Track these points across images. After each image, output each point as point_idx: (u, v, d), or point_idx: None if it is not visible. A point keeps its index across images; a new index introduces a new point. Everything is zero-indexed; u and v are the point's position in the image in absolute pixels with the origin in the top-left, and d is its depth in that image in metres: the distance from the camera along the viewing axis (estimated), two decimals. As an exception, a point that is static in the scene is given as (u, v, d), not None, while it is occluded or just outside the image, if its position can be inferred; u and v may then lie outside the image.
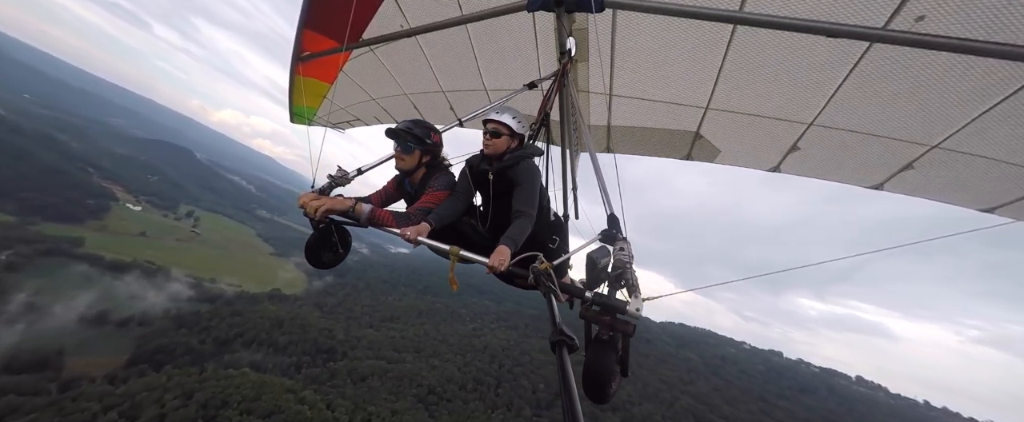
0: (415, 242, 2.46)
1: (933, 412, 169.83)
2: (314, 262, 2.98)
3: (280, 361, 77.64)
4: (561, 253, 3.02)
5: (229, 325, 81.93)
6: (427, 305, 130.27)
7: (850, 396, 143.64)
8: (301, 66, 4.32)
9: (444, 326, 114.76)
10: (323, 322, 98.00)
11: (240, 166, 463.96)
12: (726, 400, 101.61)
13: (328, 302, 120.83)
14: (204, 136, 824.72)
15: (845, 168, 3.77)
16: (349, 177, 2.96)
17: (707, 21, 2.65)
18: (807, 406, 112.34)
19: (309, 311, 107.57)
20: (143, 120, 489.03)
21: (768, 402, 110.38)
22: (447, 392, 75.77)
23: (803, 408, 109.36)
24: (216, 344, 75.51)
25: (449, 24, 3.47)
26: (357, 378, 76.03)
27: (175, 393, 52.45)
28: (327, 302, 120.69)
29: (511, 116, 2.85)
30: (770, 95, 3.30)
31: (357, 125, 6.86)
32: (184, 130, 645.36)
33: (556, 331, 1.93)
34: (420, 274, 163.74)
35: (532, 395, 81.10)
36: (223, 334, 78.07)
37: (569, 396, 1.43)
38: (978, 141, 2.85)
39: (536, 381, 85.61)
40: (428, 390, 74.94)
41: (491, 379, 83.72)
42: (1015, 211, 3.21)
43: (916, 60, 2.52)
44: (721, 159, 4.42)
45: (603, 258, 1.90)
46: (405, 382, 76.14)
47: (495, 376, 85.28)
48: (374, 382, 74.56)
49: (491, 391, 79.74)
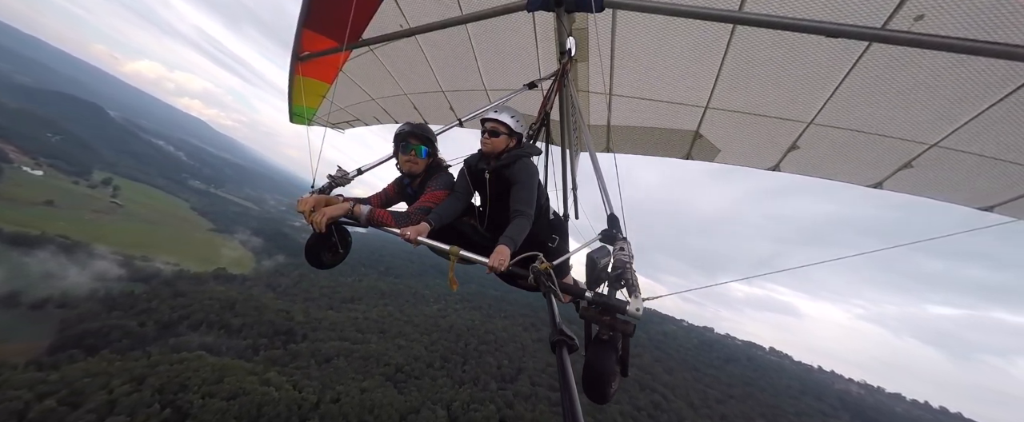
0: (415, 242, 2.44)
1: (824, 375, 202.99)
2: (314, 263, 2.99)
3: (235, 344, 73.85)
4: (561, 252, 3.01)
5: (171, 307, 75.89)
6: (389, 286, 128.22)
7: (764, 364, 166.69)
8: (300, 66, 4.29)
9: (408, 307, 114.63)
10: (279, 304, 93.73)
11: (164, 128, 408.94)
12: (665, 369, 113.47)
13: (282, 283, 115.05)
14: (115, 90, 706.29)
15: (844, 167, 3.77)
16: (349, 177, 2.97)
17: (707, 21, 2.65)
18: (730, 373, 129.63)
19: (262, 292, 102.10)
20: (32, 65, 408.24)
21: (699, 371, 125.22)
22: (415, 370, 77.11)
23: (726, 375, 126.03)
24: (159, 327, 69.90)
25: (449, 24, 3.44)
26: (321, 359, 74.77)
27: (123, 378, 48.61)
28: (281, 283, 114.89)
29: (509, 115, 2.85)
30: (770, 94, 3.29)
31: (357, 125, 6.77)
32: (88, 81, 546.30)
33: (556, 331, 1.91)
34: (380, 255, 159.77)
35: (497, 370, 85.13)
36: (165, 316, 72.29)
37: (569, 396, 1.42)
38: (976, 140, 2.84)
39: (500, 358, 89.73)
40: (396, 369, 75.69)
41: (458, 357, 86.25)
42: (1013, 209, 3.19)
43: (915, 59, 2.53)
44: (721, 158, 4.40)
45: (603, 258, 1.91)
46: (372, 362, 76.13)
47: (461, 354, 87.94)
48: (340, 363, 73.78)
49: (458, 368, 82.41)
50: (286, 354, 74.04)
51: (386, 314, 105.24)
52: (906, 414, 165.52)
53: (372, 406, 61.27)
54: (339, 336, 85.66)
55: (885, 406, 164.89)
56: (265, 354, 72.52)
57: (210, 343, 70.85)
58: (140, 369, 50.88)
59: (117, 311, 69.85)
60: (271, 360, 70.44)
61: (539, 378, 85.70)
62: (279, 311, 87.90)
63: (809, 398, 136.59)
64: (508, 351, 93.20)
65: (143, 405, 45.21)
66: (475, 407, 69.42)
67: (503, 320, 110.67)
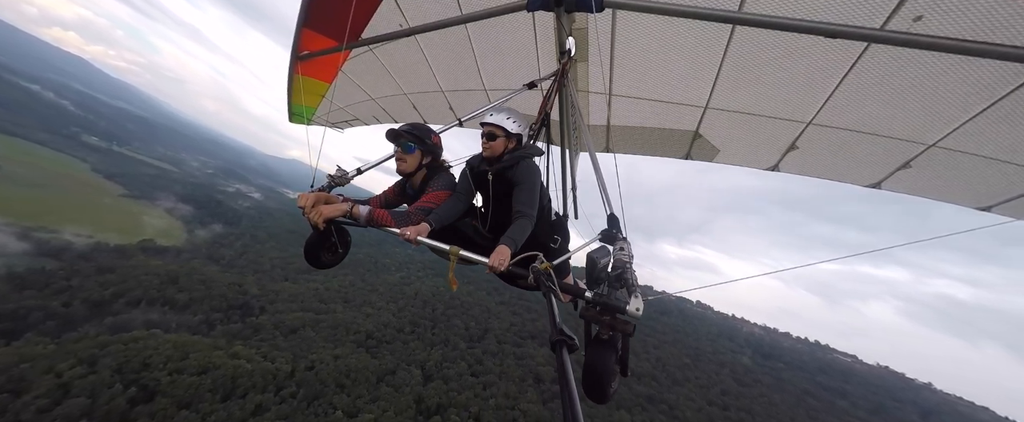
0: (415, 242, 2.44)
1: (736, 321, 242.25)
2: (313, 262, 2.98)
3: (185, 320, 69.57)
4: (563, 253, 2.98)
5: (100, 284, 68.39)
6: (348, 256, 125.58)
7: (691, 316, 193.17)
8: (300, 65, 4.32)
9: (370, 276, 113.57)
10: (228, 276, 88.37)
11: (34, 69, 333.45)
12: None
13: (225, 254, 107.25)
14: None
15: (843, 167, 3.80)
16: (348, 177, 2.97)
17: (706, 21, 2.66)
18: (664, 324, 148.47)
19: (204, 264, 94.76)
20: None
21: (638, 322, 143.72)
22: (386, 336, 78.92)
23: (661, 326, 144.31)
24: (88, 306, 63.35)
25: (448, 24, 3.45)
26: (286, 331, 73.56)
27: (69, 361, 44.50)
28: (223, 254, 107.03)
29: (506, 117, 2.85)
30: (769, 94, 3.32)
31: (356, 125, 6.75)
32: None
33: (556, 331, 1.82)
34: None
35: (465, 332, 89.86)
36: (95, 294, 65.31)
37: (569, 396, 1.38)
38: (975, 140, 2.86)
39: (467, 320, 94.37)
40: (366, 335, 76.93)
41: (427, 321, 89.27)
42: (1011, 209, 3.23)
43: (914, 60, 2.54)
44: (720, 158, 4.42)
45: (603, 258, 1.92)
46: (341, 330, 76.44)
47: (430, 319, 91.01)
48: (307, 333, 73.24)
49: (428, 331, 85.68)
50: (246, 328, 71.66)
51: (347, 284, 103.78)
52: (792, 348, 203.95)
53: (348, 371, 62.82)
54: (301, 307, 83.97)
55: (778, 343, 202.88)
56: (223, 328, 69.61)
57: (156, 320, 66.06)
58: (87, 351, 47.00)
59: (29, 290, 61.28)
60: (231, 334, 67.92)
61: (504, 336, 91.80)
62: (230, 284, 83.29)
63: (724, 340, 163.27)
64: (474, 314, 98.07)
65: (103, 386, 42.57)
66: (447, 365, 73.87)
67: (467, 286, 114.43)
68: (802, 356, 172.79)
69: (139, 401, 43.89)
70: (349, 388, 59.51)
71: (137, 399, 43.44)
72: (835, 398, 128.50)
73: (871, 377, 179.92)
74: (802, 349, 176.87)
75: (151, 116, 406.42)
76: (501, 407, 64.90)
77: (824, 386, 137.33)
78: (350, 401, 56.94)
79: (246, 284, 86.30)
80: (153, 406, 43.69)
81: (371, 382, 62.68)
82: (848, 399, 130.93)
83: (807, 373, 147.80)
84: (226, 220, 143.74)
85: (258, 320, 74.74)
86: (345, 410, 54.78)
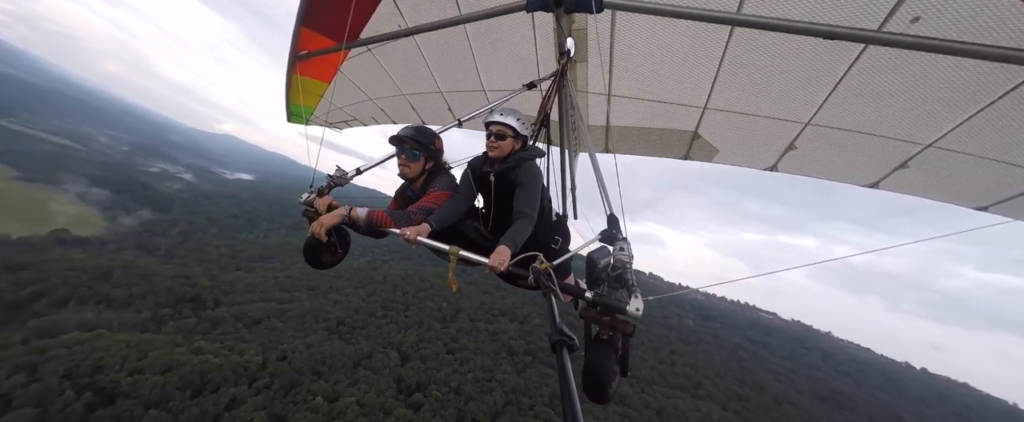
0: (415, 242, 2.44)
1: (681, 289, 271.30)
2: (314, 263, 2.93)
3: (128, 318, 63.66)
4: (564, 253, 2.97)
5: (12, 283, 60.28)
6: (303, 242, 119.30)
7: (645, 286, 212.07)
8: (298, 65, 4.32)
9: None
10: (170, 269, 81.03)
11: None
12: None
13: (160, 244, 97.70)
14: None
15: (841, 167, 3.80)
16: (347, 177, 2.95)
17: (705, 23, 2.66)
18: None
19: (138, 256, 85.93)
20: None
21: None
22: (358, 321, 77.82)
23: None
24: (3, 307, 55.32)
25: (447, 24, 3.43)
26: (250, 322, 70.01)
27: (4, 371, 39.43)
28: (158, 244, 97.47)
29: (515, 118, 2.84)
30: (767, 95, 3.33)
31: (354, 125, 6.74)
32: None
33: (556, 331, 1.82)
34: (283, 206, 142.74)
35: (438, 312, 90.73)
36: (7, 294, 57.45)
37: (569, 396, 1.39)
38: (971, 140, 2.87)
39: (439, 301, 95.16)
40: (337, 322, 75.43)
41: (399, 305, 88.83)
42: (1008, 209, 3.24)
43: (911, 61, 2.55)
44: (719, 158, 4.43)
45: (603, 258, 1.94)
46: (309, 319, 74.25)
47: (402, 302, 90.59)
48: (273, 323, 70.22)
49: (401, 314, 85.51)
50: (203, 322, 67.35)
51: (309, 271, 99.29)
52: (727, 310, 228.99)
53: (323, 358, 61.98)
54: (262, 297, 79.98)
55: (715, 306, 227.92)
56: (176, 324, 64.45)
57: (92, 320, 59.71)
58: (23, 358, 41.77)
59: (-78, 293, 52.16)
60: (187, 330, 63.59)
61: (476, 315, 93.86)
62: (175, 277, 76.53)
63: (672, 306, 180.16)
64: (445, 295, 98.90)
65: (51, 394, 38.53)
66: (424, 345, 75.02)
67: (435, 267, 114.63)
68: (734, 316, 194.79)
69: (98, 405, 40.64)
70: (326, 374, 58.93)
71: (95, 404, 40.17)
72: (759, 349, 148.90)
73: (787, 330, 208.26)
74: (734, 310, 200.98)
75: (38, 80, 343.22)
76: (479, 380, 67.82)
77: (751, 340, 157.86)
78: (329, 386, 56.59)
79: (194, 276, 79.51)
80: (116, 409, 40.73)
81: (348, 367, 62.42)
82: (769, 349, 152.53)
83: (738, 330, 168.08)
84: (154, 205, 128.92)
85: (215, 313, 70.01)
86: (325, 396, 54.48)
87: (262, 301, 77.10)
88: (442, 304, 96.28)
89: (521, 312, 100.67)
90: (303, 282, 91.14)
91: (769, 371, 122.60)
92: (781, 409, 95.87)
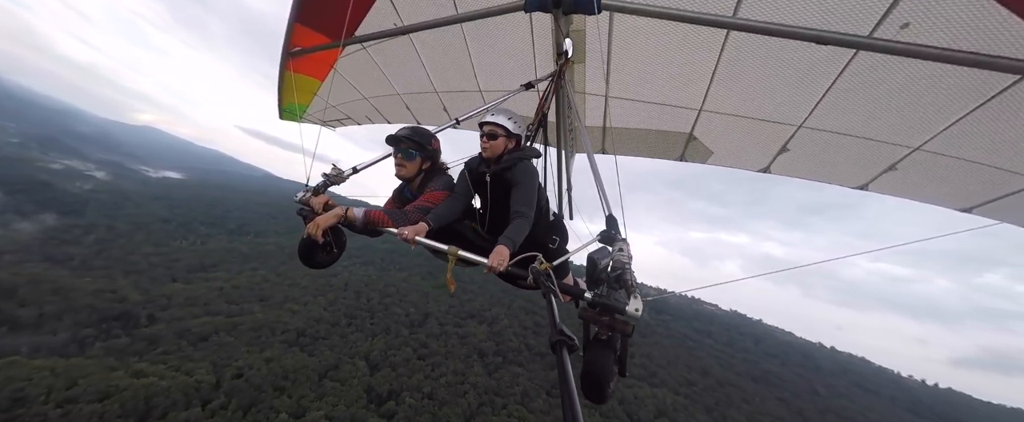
0: (413, 242, 2.43)
1: (665, 293, 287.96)
2: (309, 263, 2.88)
3: (41, 341, 55.69)
4: (561, 253, 3.00)
5: None
6: (251, 248, 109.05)
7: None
8: (291, 62, 4.25)
9: (285, 269, 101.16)
10: (89, 283, 71.48)
11: None
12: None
13: (72, 254, 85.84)
14: None
15: (832, 169, 3.87)
16: (344, 176, 2.92)
17: (702, 26, 2.70)
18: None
19: (47, 269, 74.88)
20: None
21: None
22: (320, 331, 73.78)
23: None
24: None
25: (443, 23, 3.41)
26: (195, 339, 63.92)
27: None
28: (70, 254, 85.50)
29: (506, 117, 2.87)
30: (761, 98, 3.38)
31: (349, 124, 6.71)
32: None
33: (556, 331, 1.88)
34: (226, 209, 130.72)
35: (406, 318, 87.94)
36: None
37: (569, 396, 1.42)
38: (956, 144, 2.95)
39: (406, 307, 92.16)
40: (297, 334, 70.97)
41: (364, 312, 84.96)
42: (992, 211, 3.32)
43: (900, 66, 2.62)
44: (713, 160, 4.47)
45: (603, 259, 1.94)
46: (265, 332, 68.80)
47: (367, 309, 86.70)
48: (223, 338, 64.55)
49: (366, 322, 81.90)
50: (137, 341, 60.02)
51: (260, 279, 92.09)
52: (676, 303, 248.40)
53: (285, 372, 58.27)
54: (206, 311, 73.10)
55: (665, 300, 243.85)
56: (103, 345, 57.15)
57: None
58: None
59: None
60: (118, 351, 56.45)
61: (445, 318, 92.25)
62: (97, 292, 67.62)
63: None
64: (412, 300, 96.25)
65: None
66: (393, 352, 72.89)
67: (399, 272, 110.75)
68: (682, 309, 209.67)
69: (23, 445, 34.81)
70: (289, 389, 55.41)
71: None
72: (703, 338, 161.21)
73: (726, 319, 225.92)
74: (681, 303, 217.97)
75: None
76: (452, 384, 67.44)
77: (696, 330, 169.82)
78: (293, 402, 53.29)
79: (120, 289, 70.59)
80: (44, 445, 35.25)
81: (313, 380, 59.16)
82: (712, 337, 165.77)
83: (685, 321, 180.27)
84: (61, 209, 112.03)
85: (150, 331, 62.93)
86: (289, 412, 51.25)
87: (207, 315, 70.35)
88: (409, 309, 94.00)
89: (490, 314, 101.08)
90: (254, 292, 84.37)
91: (713, 357, 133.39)
92: (723, 390, 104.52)
